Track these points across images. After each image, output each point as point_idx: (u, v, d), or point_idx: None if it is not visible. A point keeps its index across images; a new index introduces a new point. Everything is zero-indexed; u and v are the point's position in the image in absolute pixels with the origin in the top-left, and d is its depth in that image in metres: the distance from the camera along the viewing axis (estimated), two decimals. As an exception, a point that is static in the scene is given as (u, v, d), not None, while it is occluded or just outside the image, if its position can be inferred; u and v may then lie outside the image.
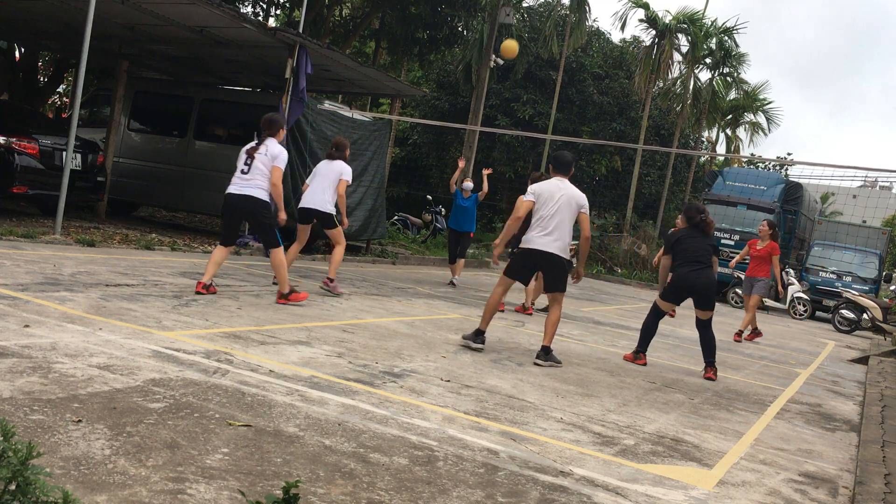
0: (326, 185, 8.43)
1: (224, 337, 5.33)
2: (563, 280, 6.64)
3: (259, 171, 7.03)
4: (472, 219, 12.25)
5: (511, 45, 18.18)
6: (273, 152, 7.07)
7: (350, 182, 8.57)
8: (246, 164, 7.06)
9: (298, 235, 8.66)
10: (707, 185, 23.90)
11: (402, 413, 4.11)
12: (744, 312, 12.05)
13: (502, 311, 9.70)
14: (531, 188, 6.76)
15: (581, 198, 6.62)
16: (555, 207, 6.48)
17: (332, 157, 8.57)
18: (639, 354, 7.21)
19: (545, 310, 10.64)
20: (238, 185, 7.07)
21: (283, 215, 7.40)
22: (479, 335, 6.58)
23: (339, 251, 8.71)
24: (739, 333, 11.01)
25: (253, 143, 7.15)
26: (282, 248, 7.25)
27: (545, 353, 6.41)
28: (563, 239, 6.50)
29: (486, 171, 12.07)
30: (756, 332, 11.27)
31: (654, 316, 7.27)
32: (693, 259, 6.93)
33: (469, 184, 12.40)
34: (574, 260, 8.91)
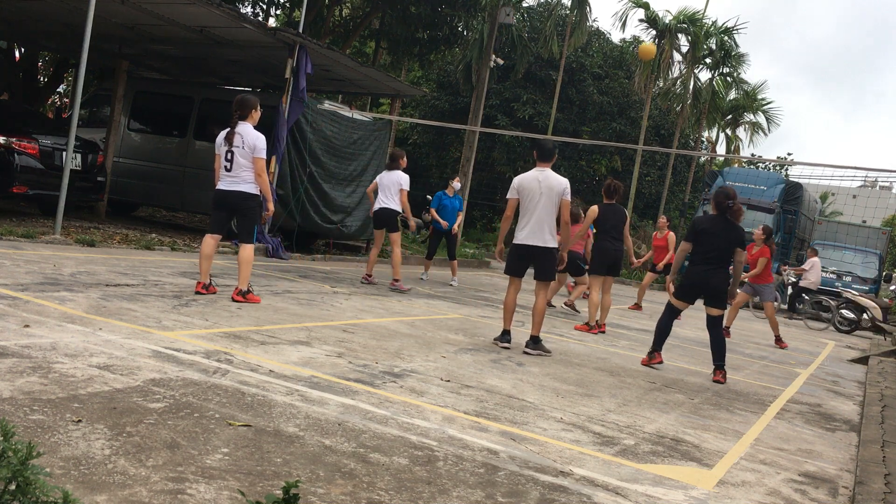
0: (389, 194, 10.07)
1: (224, 337, 5.33)
2: (552, 270, 7.03)
3: (242, 166, 6.97)
4: (452, 216, 12.55)
5: (648, 49, 21.68)
6: (250, 143, 6.93)
7: (408, 190, 10.16)
8: (227, 159, 6.99)
9: (375, 241, 10.61)
10: (707, 185, 23.88)
11: (402, 413, 4.11)
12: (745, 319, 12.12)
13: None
14: (513, 182, 7.09)
15: (560, 185, 6.89)
16: (535, 201, 6.85)
17: (389, 167, 10.14)
18: (653, 354, 7.16)
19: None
20: (226, 183, 7.03)
21: (271, 206, 7.38)
22: (504, 335, 7.07)
23: (396, 252, 10.31)
24: (778, 339, 11.15)
25: (228, 129, 7.00)
26: (253, 246, 7.25)
27: (534, 343, 6.84)
28: (546, 229, 6.86)
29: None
30: (726, 331, 11.30)
31: (669, 315, 7.17)
32: (708, 258, 6.85)
33: (458, 183, 12.76)
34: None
